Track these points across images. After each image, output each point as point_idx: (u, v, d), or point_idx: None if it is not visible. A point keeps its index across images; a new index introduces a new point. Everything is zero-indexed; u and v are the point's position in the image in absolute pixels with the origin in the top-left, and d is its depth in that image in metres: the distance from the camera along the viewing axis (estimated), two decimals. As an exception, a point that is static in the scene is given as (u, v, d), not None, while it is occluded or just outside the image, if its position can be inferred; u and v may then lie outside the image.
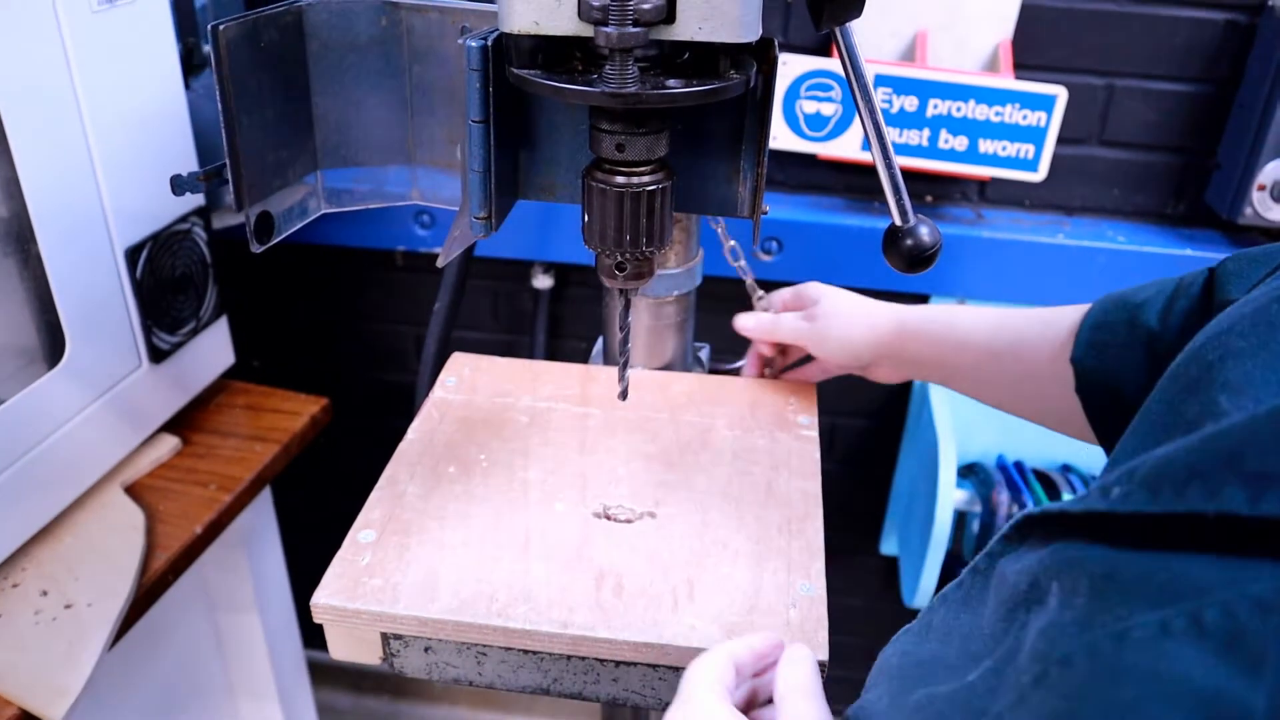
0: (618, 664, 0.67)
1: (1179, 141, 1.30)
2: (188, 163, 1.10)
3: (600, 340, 1.01)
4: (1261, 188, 1.21)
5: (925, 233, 0.66)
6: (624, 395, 0.71)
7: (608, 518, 0.76)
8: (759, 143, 0.65)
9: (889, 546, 1.63)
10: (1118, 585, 0.34)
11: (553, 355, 1.55)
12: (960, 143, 1.27)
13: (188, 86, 1.13)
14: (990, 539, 1.30)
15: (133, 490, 1.08)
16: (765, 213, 0.66)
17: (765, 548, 0.73)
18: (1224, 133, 1.27)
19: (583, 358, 1.58)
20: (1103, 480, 0.39)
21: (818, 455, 0.83)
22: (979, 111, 1.25)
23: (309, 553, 1.56)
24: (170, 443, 1.14)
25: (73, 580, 0.95)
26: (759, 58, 0.60)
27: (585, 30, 0.55)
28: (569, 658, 0.68)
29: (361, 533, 0.73)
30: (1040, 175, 1.25)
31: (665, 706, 0.68)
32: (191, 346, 1.14)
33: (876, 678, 0.48)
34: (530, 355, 1.53)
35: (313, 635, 1.49)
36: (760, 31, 0.56)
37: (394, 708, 1.92)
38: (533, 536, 0.73)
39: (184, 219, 1.10)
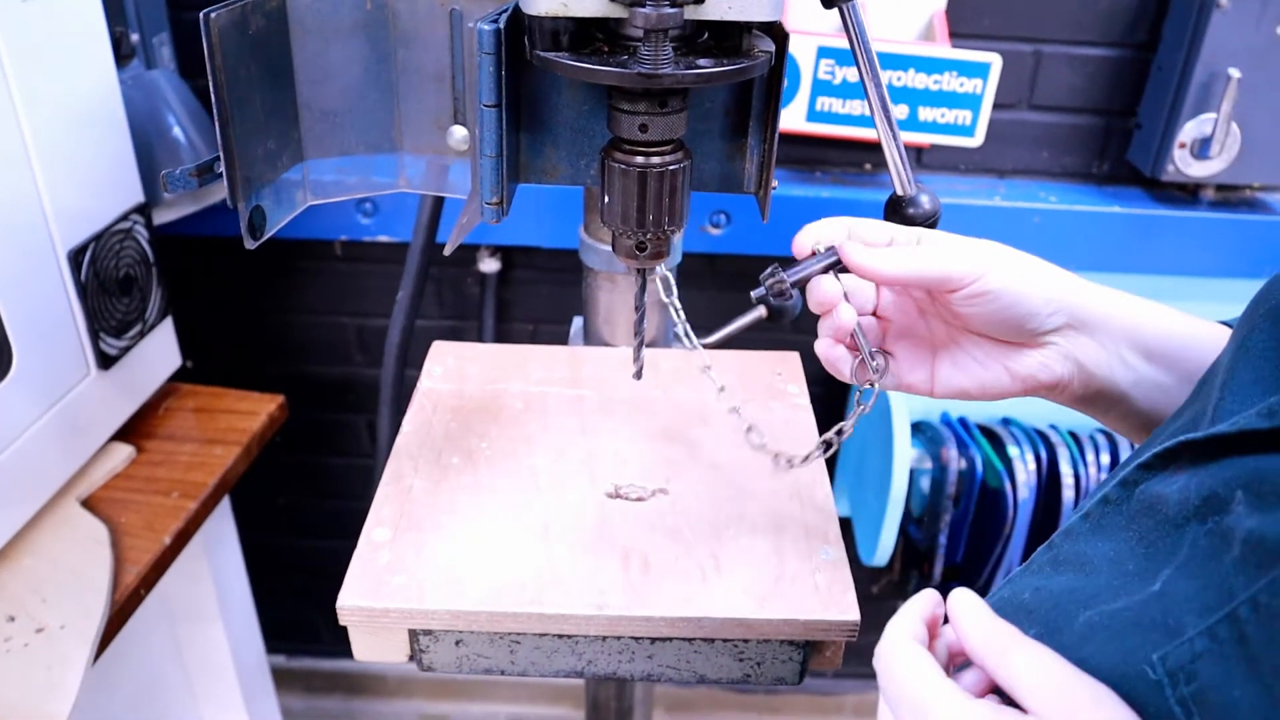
0: (653, 641, 0.68)
1: (1102, 104, 1.36)
2: (125, 157, 1.04)
3: (577, 321, 1.01)
4: (1183, 145, 1.28)
5: (926, 200, 0.68)
6: (639, 375, 0.71)
7: (620, 497, 0.76)
8: (765, 119, 0.66)
9: (840, 508, 1.68)
10: None
11: (501, 339, 1.53)
12: (901, 111, 1.30)
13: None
14: (943, 496, 1.34)
15: (90, 504, 1.03)
16: (774, 188, 0.66)
17: (780, 516, 0.74)
18: (1143, 94, 1.33)
19: (530, 340, 1.58)
20: (1265, 406, 0.41)
21: (814, 422, 0.85)
22: (918, 80, 1.28)
23: (263, 553, 1.52)
24: (124, 452, 1.09)
25: (40, 602, 0.91)
26: (769, 33, 0.61)
27: (612, 11, 0.55)
28: (604, 639, 0.68)
29: (375, 530, 0.72)
30: (978, 140, 1.29)
31: (699, 680, 0.70)
32: (139, 350, 1.09)
33: (1010, 618, 0.45)
34: (479, 340, 1.51)
35: (271, 639, 1.45)
36: (783, 9, 0.56)
37: (347, 705, 1.89)
38: (550, 522, 0.73)
39: (125, 217, 1.05)
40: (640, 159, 0.60)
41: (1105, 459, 1.44)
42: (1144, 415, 0.61)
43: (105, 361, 1.04)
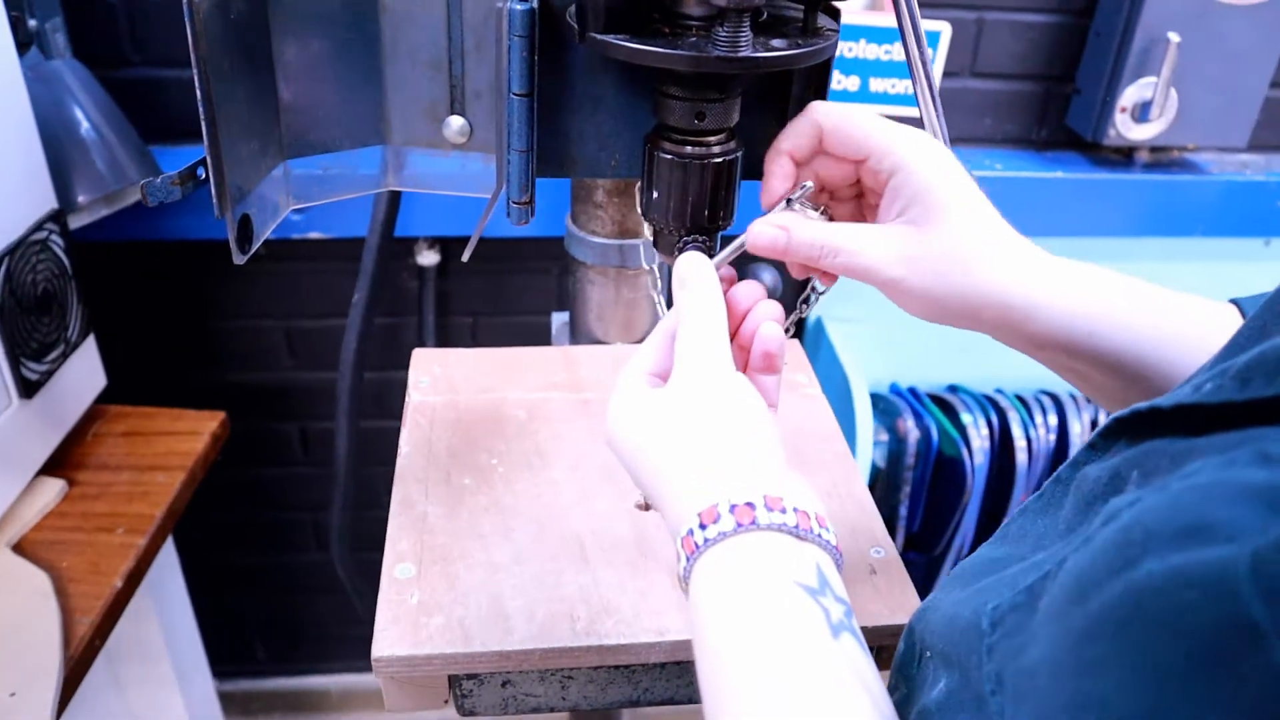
0: (715, 663, 0.64)
1: (1041, 70, 1.36)
2: (35, 159, 0.93)
3: (558, 317, 0.95)
4: (1123, 110, 1.30)
5: (966, 182, 0.65)
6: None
7: (651, 508, 0.71)
8: (806, 101, 0.62)
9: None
10: (1196, 453, 0.34)
11: (441, 334, 1.45)
12: (852, 83, 1.28)
13: (18, 68, 0.95)
14: (902, 467, 1.34)
15: (23, 549, 0.92)
16: (818, 173, 0.62)
17: (821, 517, 0.71)
18: (1081, 60, 1.35)
19: (470, 335, 1.50)
20: (1194, 380, 0.40)
21: (831, 413, 0.82)
22: (869, 51, 1.26)
23: (192, 572, 1.40)
24: (55, 486, 0.98)
25: (-17, 668, 0.81)
26: (825, 11, 0.57)
27: (677, -12, 0.49)
28: (663, 666, 0.63)
29: (397, 568, 0.65)
30: (929, 110, 1.28)
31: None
32: (62, 373, 0.98)
33: (947, 582, 0.47)
34: (419, 336, 1.43)
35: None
36: (853, -18, 0.52)
37: (288, 727, 1.79)
38: (585, 541, 0.68)
39: (39, 226, 0.94)
40: (696, 149, 0.55)
41: (1053, 420, 1.47)
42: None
43: (28, 389, 0.93)
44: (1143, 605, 0.29)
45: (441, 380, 0.84)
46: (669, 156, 0.56)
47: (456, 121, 0.67)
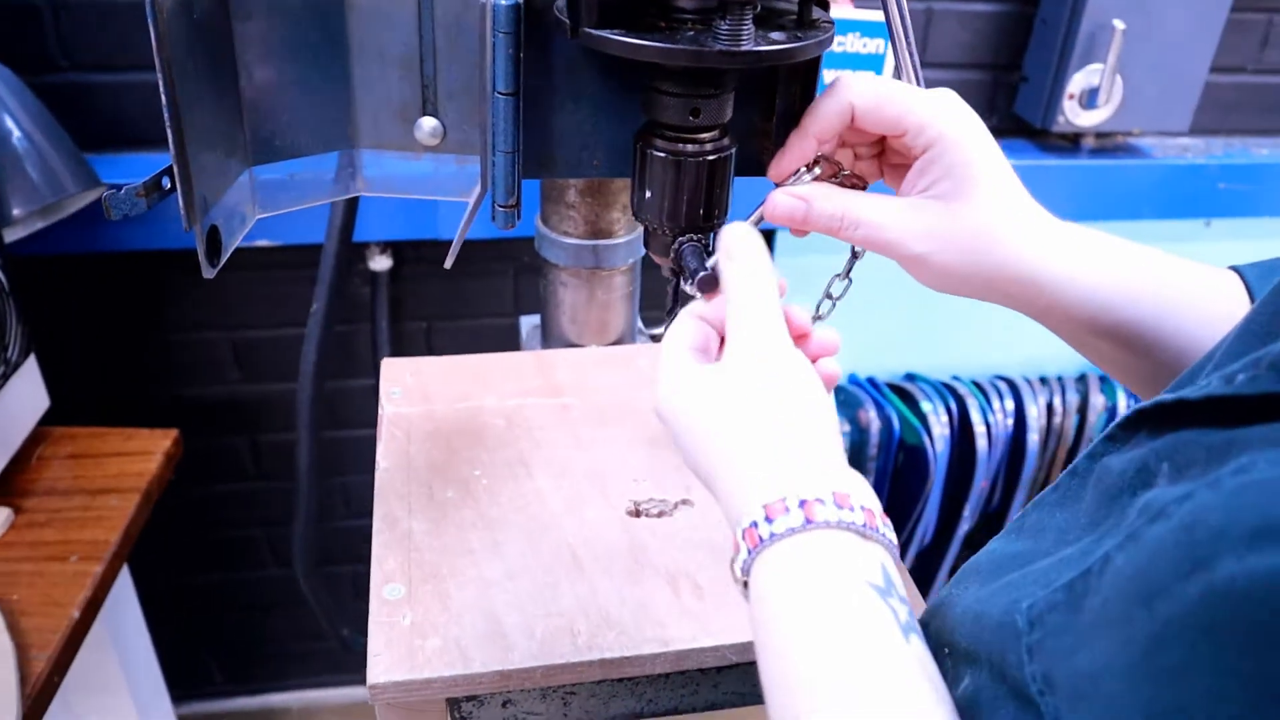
0: (719, 670, 0.62)
1: (988, 59, 1.38)
2: (-33, 170, 0.88)
3: (529, 320, 0.93)
4: (1071, 97, 1.32)
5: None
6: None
7: (643, 514, 0.70)
8: (793, 96, 0.61)
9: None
10: (1239, 445, 0.34)
11: (396, 341, 1.42)
12: (806, 75, 1.27)
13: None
14: (865, 458, 1.34)
15: (-31, 584, 0.87)
16: (807, 169, 0.61)
17: (814, 515, 0.70)
18: (1028, 48, 1.36)
19: (425, 341, 1.47)
20: (1225, 371, 0.39)
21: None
22: (823, 42, 1.26)
23: (144, 592, 1.35)
24: (0, 515, 0.93)
25: (-67, 713, 0.76)
26: (816, 3, 0.56)
27: (673, -20, 0.48)
28: (668, 676, 0.62)
29: (386, 588, 0.63)
30: (883, 101, 1.28)
31: (761, 701, 0.65)
32: (2, 396, 0.93)
33: (962, 577, 0.46)
34: (373, 344, 1.39)
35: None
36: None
37: (247, 749, 1.74)
38: (578, 551, 0.66)
39: (-27, 241, 0.88)
40: (691, 146, 0.54)
41: (1010, 404, 1.49)
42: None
43: (-33, 414, 0.88)
44: (1228, 610, 0.28)
45: (414, 390, 0.81)
46: (662, 155, 0.54)
47: (429, 123, 0.65)
